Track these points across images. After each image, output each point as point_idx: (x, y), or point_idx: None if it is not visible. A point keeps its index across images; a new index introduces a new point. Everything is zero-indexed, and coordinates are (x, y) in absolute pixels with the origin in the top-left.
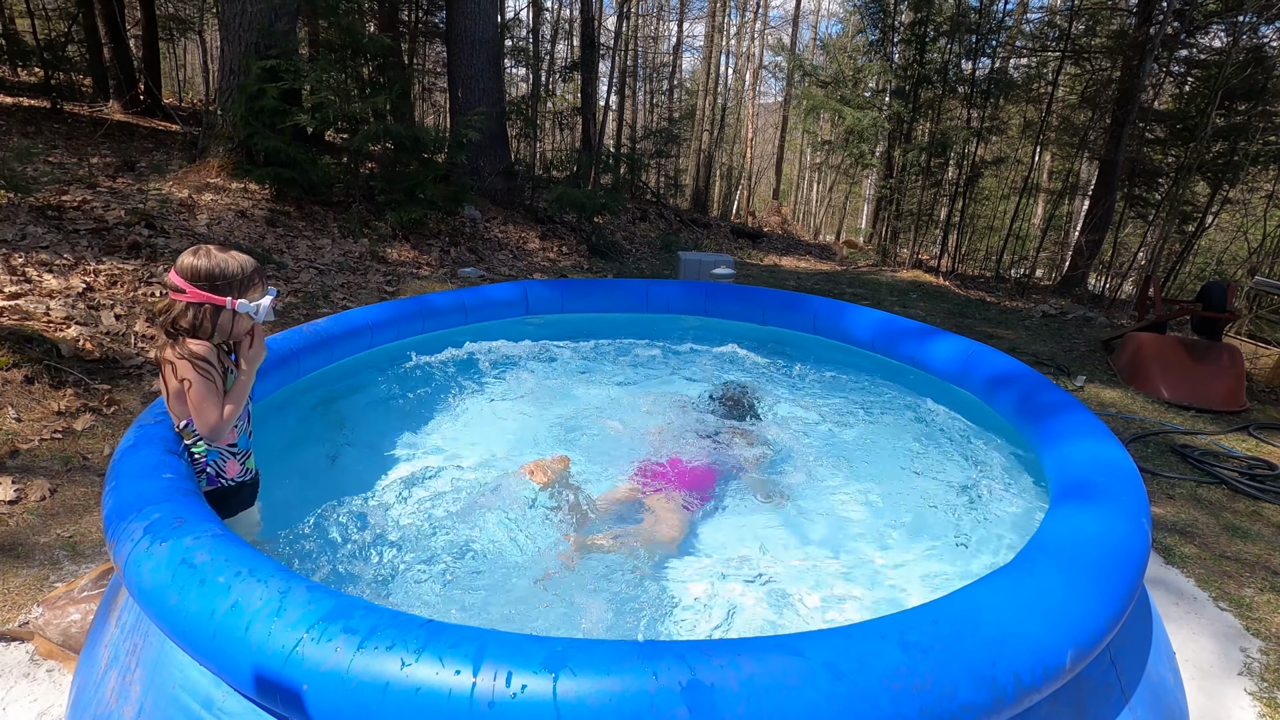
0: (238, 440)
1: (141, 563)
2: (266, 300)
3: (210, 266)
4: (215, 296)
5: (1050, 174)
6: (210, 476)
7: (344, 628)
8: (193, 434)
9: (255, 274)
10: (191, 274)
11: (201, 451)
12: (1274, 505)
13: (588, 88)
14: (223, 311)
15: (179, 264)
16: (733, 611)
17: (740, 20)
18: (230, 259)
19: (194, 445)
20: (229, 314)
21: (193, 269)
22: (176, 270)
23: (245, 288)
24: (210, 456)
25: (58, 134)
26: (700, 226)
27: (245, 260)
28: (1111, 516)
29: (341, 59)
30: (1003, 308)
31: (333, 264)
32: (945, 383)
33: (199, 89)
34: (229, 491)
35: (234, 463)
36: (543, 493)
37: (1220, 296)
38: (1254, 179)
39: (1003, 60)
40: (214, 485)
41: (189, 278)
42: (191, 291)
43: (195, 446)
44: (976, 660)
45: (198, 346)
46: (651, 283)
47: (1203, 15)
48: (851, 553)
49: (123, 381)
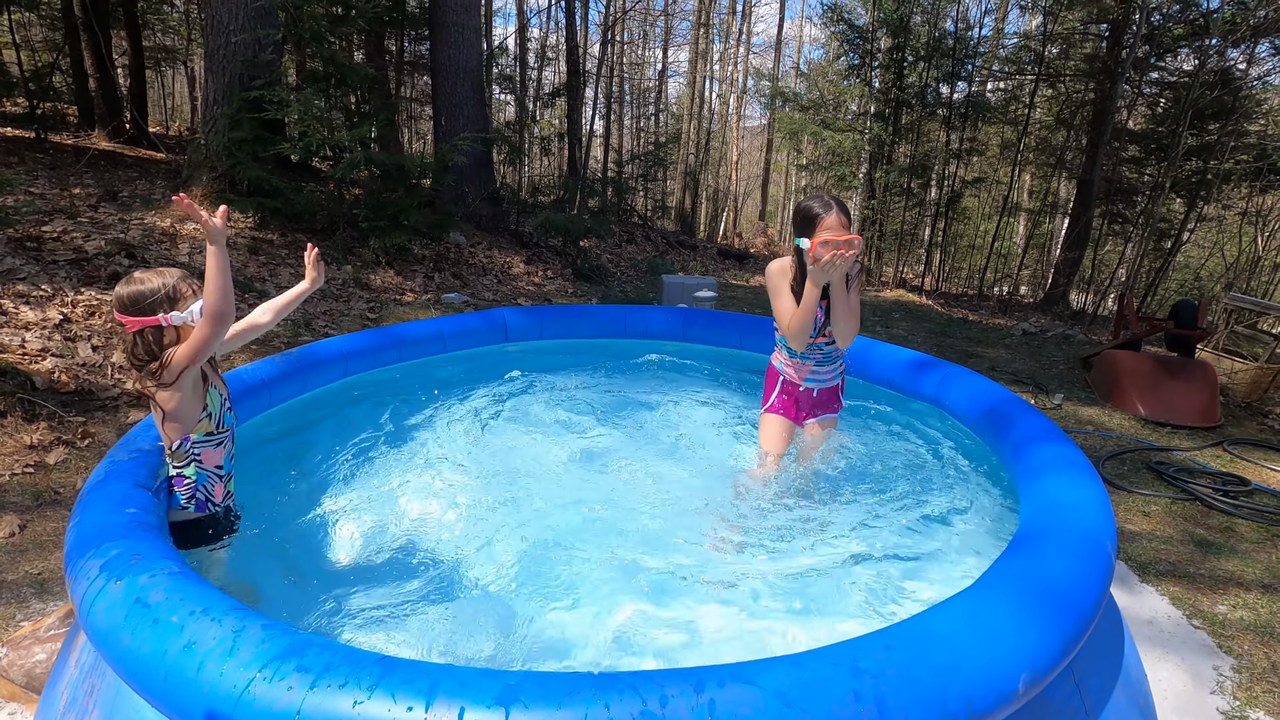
0: (223, 462)
1: (96, 601)
2: (196, 305)
3: (131, 292)
4: (149, 318)
5: (1030, 193)
6: (200, 502)
7: (297, 666)
8: (185, 455)
9: (181, 282)
10: (120, 305)
11: (192, 475)
12: (1247, 521)
13: (573, 113)
14: (165, 330)
15: (112, 299)
16: (688, 638)
17: (723, 46)
18: (150, 277)
19: (185, 468)
20: (172, 330)
21: (120, 300)
22: (113, 308)
23: (174, 300)
24: (200, 479)
25: (40, 164)
26: (687, 248)
27: (168, 273)
28: (1072, 539)
29: (326, 88)
30: (985, 326)
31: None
32: (923, 403)
33: (186, 117)
34: (216, 517)
35: (220, 486)
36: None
37: (1190, 314)
38: (1227, 196)
39: (980, 84)
40: (202, 511)
41: (120, 309)
42: (128, 321)
43: (187, 469)
44: (927, 687)
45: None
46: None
47: (1171, 39)
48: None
49: (98, 413)
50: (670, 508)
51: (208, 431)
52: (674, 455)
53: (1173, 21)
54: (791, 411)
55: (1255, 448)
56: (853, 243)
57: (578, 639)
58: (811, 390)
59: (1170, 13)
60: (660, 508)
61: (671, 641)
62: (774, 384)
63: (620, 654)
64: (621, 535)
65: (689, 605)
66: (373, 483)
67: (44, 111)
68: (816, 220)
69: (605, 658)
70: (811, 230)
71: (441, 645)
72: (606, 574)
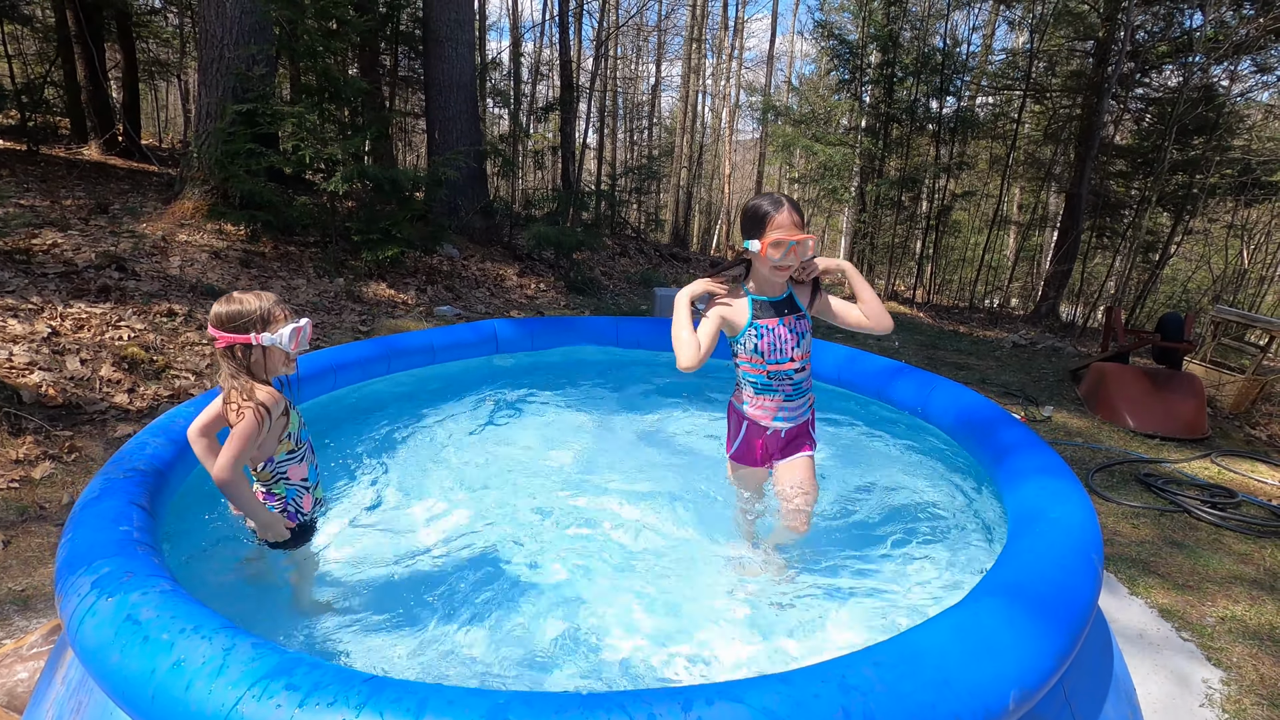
0: (308, 474)
1: (86, 619)
2: (288, 329)
3: (229, 310)
4: (241, 336)
5: (1019, 206)
6: (290, 514)
7: (286, 684)
8: (271, 475)
9: (275, 307)
10: (217, 321)
11: (281, 491)
12: (1234, 533)
13: (566, 127)
14: (253, 348)
15: (210, 315)
16: (677, 657)
17: (716, 61)
18: (249, 298)
19: (274, 485)
20: (259, 349)
21: (217, 316)
22: (209, 323)
23: (266, 322)
24: (289, 494)
25: (32, 176)
26: (680, 261)
27: (265, 296)
28: (1059, 553)
29: (320, 102)
30: (975, 338)
31: (307, 304)
32: (911, 417)
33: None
34: (306, 526)
35: (309, 497)
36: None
37: (1177, 327)
38: (1213, 210)
39: (969, 99)
40: (294, 520)
41: (216, 325)
42: (222, 337)
43: (276, 486)
44: (917, 703)
45: (264, 395)
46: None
47: (1155, 56)
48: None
49: (85, 427)
50: (664, 524)
51: (289, 450)
52: (669, 464)
53: (1157, 39)
54: (757, 454)
55: (1242, 459)
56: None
57: (566, 658)
58: (780, 431)
59: (1154, 30)
60: (653, 525)
61: (660, 660)
62: (737, 427)
63: (609, 673)
64: (612, 553)
65: (679, 624)
66: (358, 500)
67: (36, 124)
68: (766, 219)
69: (593, 677)
70: (761, 231)
71: (430, 664)
72: (596, 592)
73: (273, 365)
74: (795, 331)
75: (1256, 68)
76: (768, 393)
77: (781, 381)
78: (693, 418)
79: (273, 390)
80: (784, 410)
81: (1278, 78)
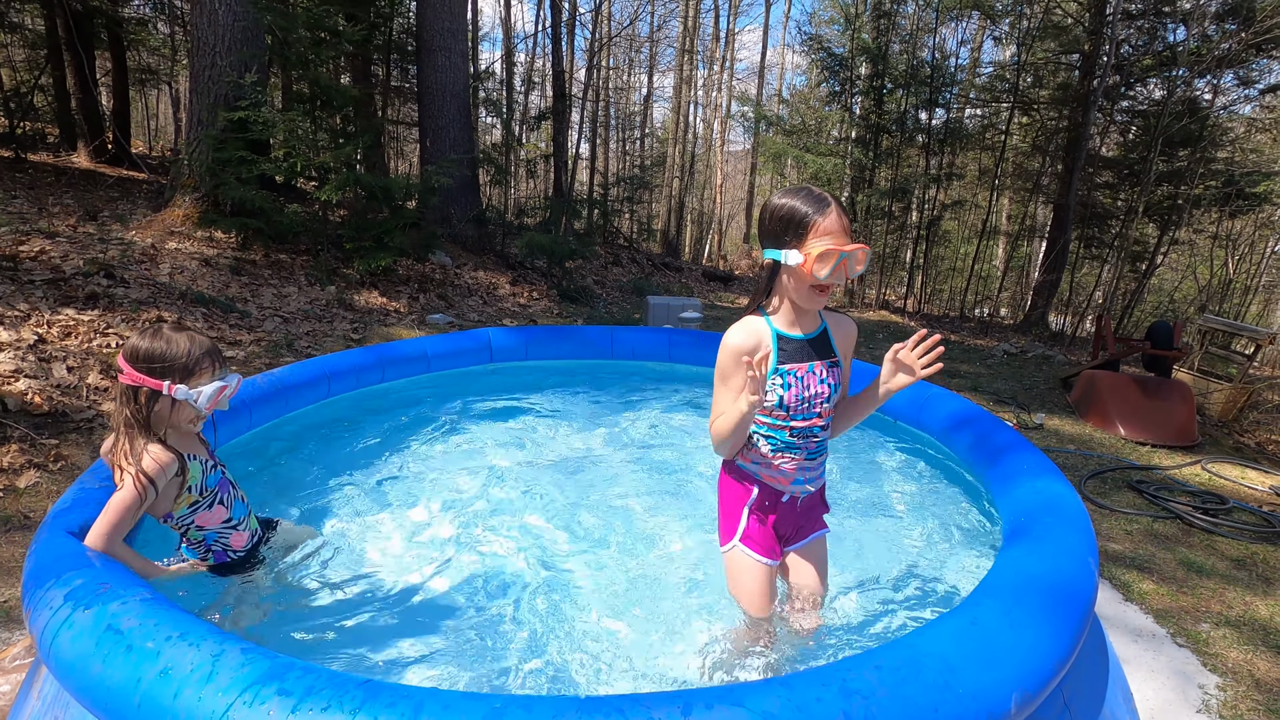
0: (231, 514)
1: (61, 632)
2: (209, 388)
3: (150, 346)
4: (152, 380)
5: (1008, 217)
6: (218, 554)
7: (278, 690)
8: (181, 524)
9: (205, 358)
10: (131, 354)
11: (199, 538)
12: (1227, 539)
13: (559, 136)
14: (160, 397)
15: (126, 343)
16: (677, 661)
17: (708, 72)
18: (179, 339)
19: (188, 533)
20: (167, 400)
21: (134, 349)
22: (122, 350)
23: (189, 373)
24: (209, 538)
25: (19, 183)
26: (672, 270)
27: (197, 342)
28: (1056, 557)
29: (312, 110)
30: (966, 346)
31: (299, 312)
32: (905, 425)
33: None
34: (241, 560)
35: (237, 534)
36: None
37: (1167, 335)
38: (1198, 221)
39: (958, 110)
40: (222, 560)
41: (129, 358)
42: (129, 373)
43: (190, 533)
44: (919, 707)
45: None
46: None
47: (1140, 69)
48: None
49: (71, 435)
50: (661, 530)
51: (191, 503)
52: (665, 473)
53: (1141, 52)
54: (770, 542)
55: (1232, 465)
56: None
57: (563, 663)
58: (798, 499)
59: (1139, 44)
60: (650, 532)
61: (659, 665)
62: (741, 499)
63: (606, 678)
64: (611, 558)
65: (677, 627)
66: (352, 505)
67: (24, 131)
68: (807, 224)
69: (591, 681)
70: (800, 238)
71: (426, 668)
72: (593, 597)
73: (176, 421)
74: (827, 383)
75: (1239, 81)
76: (790, 450)
77: (806, 439)
78: (694, 420)
79: (160, 454)
80: (805, 471)
81: (1259, 91)
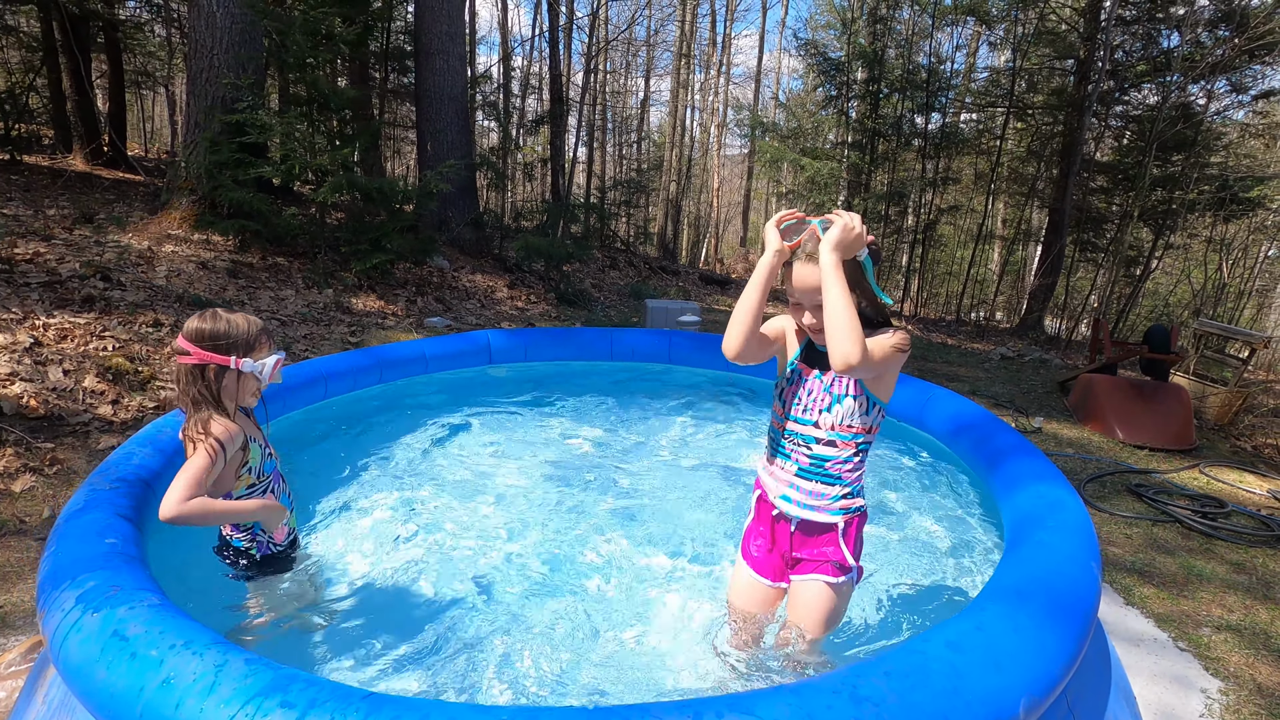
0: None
1: (70, 635)
2: (271, 360)
3: (214, 328)
4: (219, 356)
5: (1004, 221)
6: (261, 544)
7: (281, 702)
8: None
9: (262, 334)
10: (197, 335)
11: (248, 523)
12: (1226, 543)
13: (556, 140)
14: (228, 372)
15: (185, 328)
16: (686, 671)
17: (704, 77)
18: (236, 319)
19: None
20: (234, 374)
21: (197, 331)
22: (183, 334)
23: (251, 347)
24: (256, 526)
25: (14, 186)
26: (669, 274)
27: (252, 320)
28: (1060, 561)
29: (309, 112)
30: (963, 350)
31: (296, 315)
32: (907, 426)
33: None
34: (280, 556)
35: (282, 526)
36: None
37: (1163, 338)
38: (1192, 225)
39: (953, 115)
40: (265, 552)
41: (194, 339)
42: (196, 353)
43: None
44: (929, 714)
45: (220, 430)
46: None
47: (1134, 75)
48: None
49: (67, 439)
50: (668, 535)
51: (249, 485)
52: (670, 476)
53: (1135, 58)
54: (763, 553)
55: (1230, 469)
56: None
57: (570, 673)
58: (789, 519)
59: (1133, 50)
60: (657, 537)
61: (668, 673)
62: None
63: (615, 687)
64: (613, 566)
65: (686, 636)
66: (351, 511)
67: (19, 133)
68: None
69: (599, 692)
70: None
71: (431, 680)
72: (596, 605)
73: (242, 395)
74: (831, 393)
75: (1232, 87)
76: (781, 456)
77: (796, 445)
78: (695, 423)
79: (229, 424)
80: (795, 488)
81: (1252, 96)
